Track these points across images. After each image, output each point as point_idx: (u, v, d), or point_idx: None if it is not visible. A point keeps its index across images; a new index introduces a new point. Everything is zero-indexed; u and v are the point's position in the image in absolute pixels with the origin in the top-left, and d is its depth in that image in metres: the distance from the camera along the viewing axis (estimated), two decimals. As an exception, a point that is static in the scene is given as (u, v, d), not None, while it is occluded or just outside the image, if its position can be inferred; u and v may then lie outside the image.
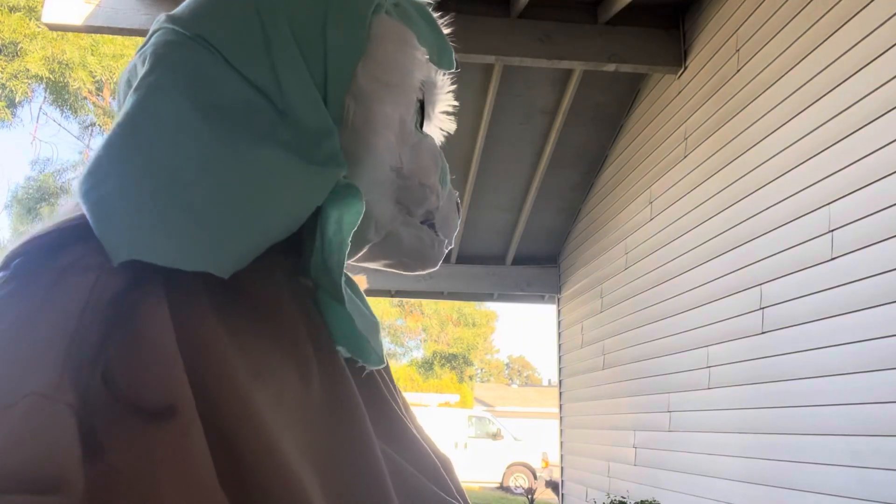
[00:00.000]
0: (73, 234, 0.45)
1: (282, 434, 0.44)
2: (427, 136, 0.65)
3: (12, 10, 11.73)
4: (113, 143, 0.47)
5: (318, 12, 0.54)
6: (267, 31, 0.52)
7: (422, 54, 0.60)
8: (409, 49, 0.58)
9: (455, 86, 0.68)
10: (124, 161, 0.46)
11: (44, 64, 11.71)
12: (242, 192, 0.47)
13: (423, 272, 0.67)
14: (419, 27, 0.60)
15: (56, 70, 11.93)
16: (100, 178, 0.46)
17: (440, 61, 0.63)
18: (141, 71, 0.51)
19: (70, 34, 11.53)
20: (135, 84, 0.50)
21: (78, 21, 3.70)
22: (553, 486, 9.34)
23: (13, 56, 12.08)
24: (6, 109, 13.30)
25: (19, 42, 11.81)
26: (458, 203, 0.69)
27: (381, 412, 0.57)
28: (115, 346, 0.40)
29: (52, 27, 3.86)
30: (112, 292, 0.42)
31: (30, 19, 11.68)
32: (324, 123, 0.52)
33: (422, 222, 0.64)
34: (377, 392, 0.59)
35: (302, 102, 0.51)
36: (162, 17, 0.54)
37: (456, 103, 0.70)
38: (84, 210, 0.46)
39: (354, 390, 0.52)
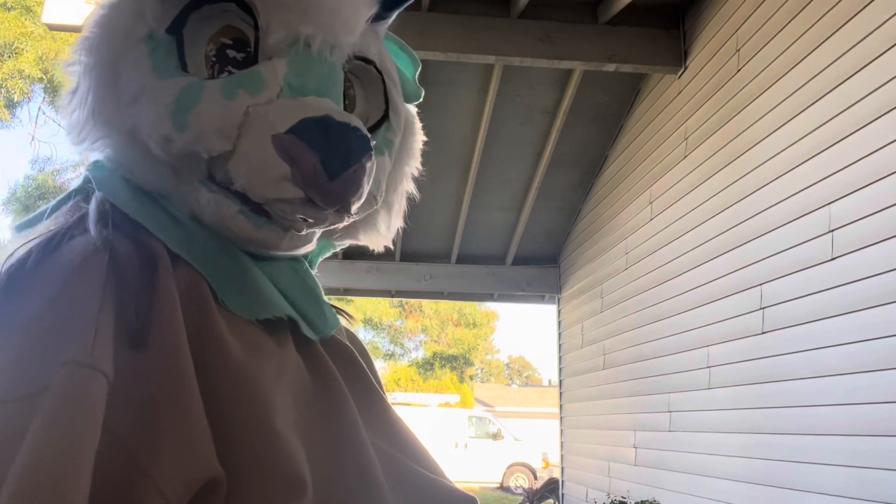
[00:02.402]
0: (68, 233, 0.52)
1: (279, 404, 0.50)
2: (179, 78, 0.52)
3: (9, 9, 11.70)
4: None
5: None
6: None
7: None
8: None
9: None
10: None
11: (37, 64, 11.68)
12: None
13: (270, 251, 0.56)
14: None
15: (51, 71, 11.90)
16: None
17: None
18: None
19: (67, 34, 11.49)
20: None
21: (78, 21, 3.69)
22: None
23: (10, 56, 12.05)
24: (5, 110, 13.28)
25: (13, 42, 11.78)
26: (317, 128, 0.50)
27: (359, 395, 0.60)
28: (132, 317, 0.46)
29: (53, 27, 3.87)
30: (128, 268, 0.48)
31: (25, 19, 11.65)
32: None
33: (223, 185, 0.53)
34: (358, 374, 0.63)
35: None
36: None
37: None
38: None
39: (337, 376, 0.57)
